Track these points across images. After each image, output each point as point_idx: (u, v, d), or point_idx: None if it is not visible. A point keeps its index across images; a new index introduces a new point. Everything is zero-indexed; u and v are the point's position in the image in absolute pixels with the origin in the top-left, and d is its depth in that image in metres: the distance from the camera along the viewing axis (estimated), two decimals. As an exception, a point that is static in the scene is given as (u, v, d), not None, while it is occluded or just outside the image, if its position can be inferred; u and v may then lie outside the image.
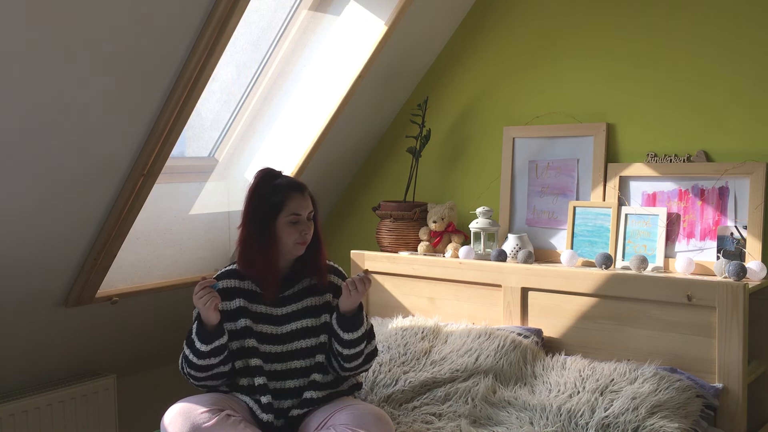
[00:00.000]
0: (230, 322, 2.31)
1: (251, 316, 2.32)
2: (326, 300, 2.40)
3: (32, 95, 2.27)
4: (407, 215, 3.46)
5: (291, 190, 2.31)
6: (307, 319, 2.35)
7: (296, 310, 2.36)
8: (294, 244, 2.31)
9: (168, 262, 3.30)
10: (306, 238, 2.32)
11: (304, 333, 2.34)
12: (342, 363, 2.33)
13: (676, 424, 2.30)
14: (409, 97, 3.72)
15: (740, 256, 2.78)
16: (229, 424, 2.14)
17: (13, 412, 2.87)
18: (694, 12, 2.95)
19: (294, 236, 2.30)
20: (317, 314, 2.37)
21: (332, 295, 2.41)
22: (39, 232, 2.63)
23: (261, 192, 2.32)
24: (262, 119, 3.46)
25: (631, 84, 3.10)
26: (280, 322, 2.34)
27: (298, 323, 2.35)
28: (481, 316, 3.08)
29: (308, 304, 2.37)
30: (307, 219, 2.33)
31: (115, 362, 3.37)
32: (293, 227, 2.30)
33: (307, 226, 2.32)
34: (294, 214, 2.30)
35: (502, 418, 2.46)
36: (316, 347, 2.34)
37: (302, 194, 2.32)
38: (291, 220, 2.29)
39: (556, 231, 3.26)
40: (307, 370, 2.33)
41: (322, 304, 2.39)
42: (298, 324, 2.34)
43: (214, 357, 2.22)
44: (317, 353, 2.34)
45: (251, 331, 2.31)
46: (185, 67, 2.51)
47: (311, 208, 2.35)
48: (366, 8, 3.21)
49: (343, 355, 2.32)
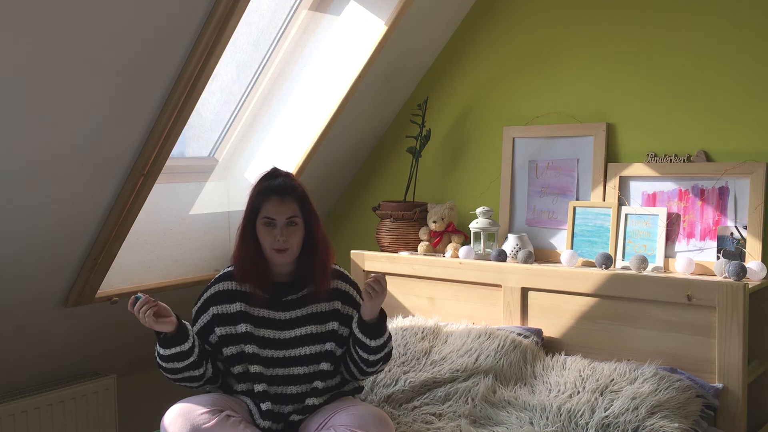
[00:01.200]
0: (229, 326, 2.29)
1: (252, 321, 2.30)
2: (334, 308, 2.35)
3: (32, 96, 2.27)
4: (407, 215, 3.46)
5: (269, 192, 2.27)
6: (311, 325, 2.32)
7: (300, 315, 2.33)
8: (270, 249, 2.27)
9: (168, 262, 3.30)
10: (281, 245, 2.25)
11: (308, 339, 2.31)
12: (365, 368, 2.33)
13: (676, 424, 2.30)
14: (409, 97, 3.72)
15: (740, 256, 2.78)
16: (229, 424, 2.14)
17: (13, 412, 2.87)
18: (694, 12, 2.95)
19: (268, 240, 2.26)
20: (323, 321, 2.33)
21: (341, 302, 2.37)
22: (39, 232, 2.63)
23: (254, 191, 2.32)
24: (262, 119, 3.46)
25: (631, 84, 3.10)
26: (282, 327, 2.31)
27: (302, 329, 2.31)
28: (481, 316, 3.08)
29: (313, 310, 2.34)
30: (286, 224, 2.26)
31: (115, 362, 3.37)
32: (267, 230, 2.26)
33: (284, 232, 2.25)
34: (266, 218, 2.26)
35: (502, 418, 2.46)
36: (321, 354, 2.31)
37: (280, 198, 2.26)
38: (264, 223, 2.26)
39: (556, 231, 3.26)
40: (310, 377, 2.31)
41: (330, 311, 2.35)
42: (302, 330, 2.31)
43: (177, 362, 2.21)
44: (322, 360, 2.31)
45: (252, 337, 2.28)
46: (185, 67, 2.51)
47: (291, 214, 2.27)
48: (366, 8, 3.21)
49: (368, 361, 2.30)
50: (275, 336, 2.30)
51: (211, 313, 2.32)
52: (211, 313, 2.32)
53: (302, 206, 2.30)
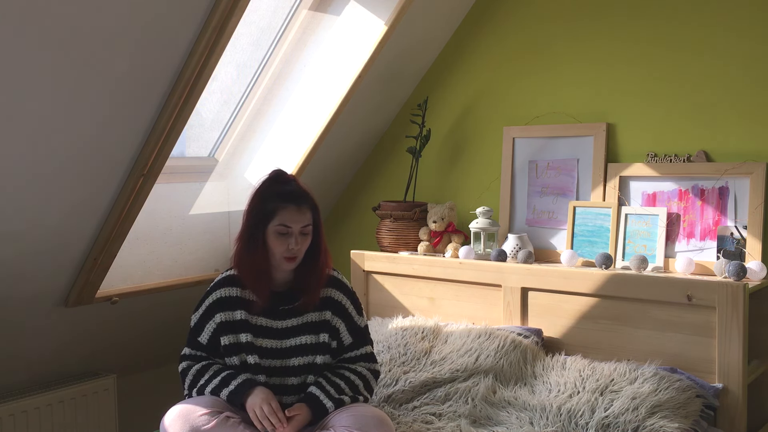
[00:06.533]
0: (232, 334, 2.28)
1: (252, 330, 2.28)
2: (325, 318, 2.33)
3: (32, 96, 2.27)
4: (407, 215, 3.46)
5: (286, 200, 2.23)
6: (306, 335, 2.30)
7: (297, 324, 2.31)
8: (281, 257, 2.24)
9: (168, 262, 3.30)
10: (294, 253, 2.23)
11: (301, 350, 2.30)
12: None
13: (676, 424, 2.30)
14: (409, 97, 3.72)
15: (740, 256, 2.78)
16: (229, 425, 2.14)
17: (13, 412, 2.87)
18: (694, 12, 2.95)
19: (281, 248, 2.22)
20: (316, 331, 2.32)
21: (331, 313, 2.34)
22: (39, 232, 2.63)
23: (262, 195, 2.28)
24: (262, 119, 3.46)
25: (631, 84, 3.10)
26: (280, 336, 2.30)
27: (297, 339, 2.30)
28: (481, 316, 3.08)
29: (309, 319, 2.32)
30: (300, 233, 2.23)
31: (115, 362, 3.37)
32: (281, 239, 2.22)
33: (298, 241, 2.23)
34: (282, 225, 2.22)
35: (502, 418, 2.46)
36: (310, 366, 2.30)
37: (297, 206, 2.23)
38: (279, 231, 2.22)
39: (556, 231, 3.26)
40: (303, 387, 2.30)
41: (320, 321, 2.33)
42: (297, 340, 2.30)
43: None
44: (310, 372, 2.30)
45: (253, 347, 2.27)
46: (185, 67, 2.51)
47: (306, 222, 2.24)
48: (366, 8, 3.21)
49: None
50: (274, 345, 2.29)
51: (217, 321, 2.29)
52: (218, 321, 2.29)
53: (314, 214, 2.28)
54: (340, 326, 2.35)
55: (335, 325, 2.34)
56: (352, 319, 2.38)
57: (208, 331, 2.30)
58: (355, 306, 2.41)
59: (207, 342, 2.30)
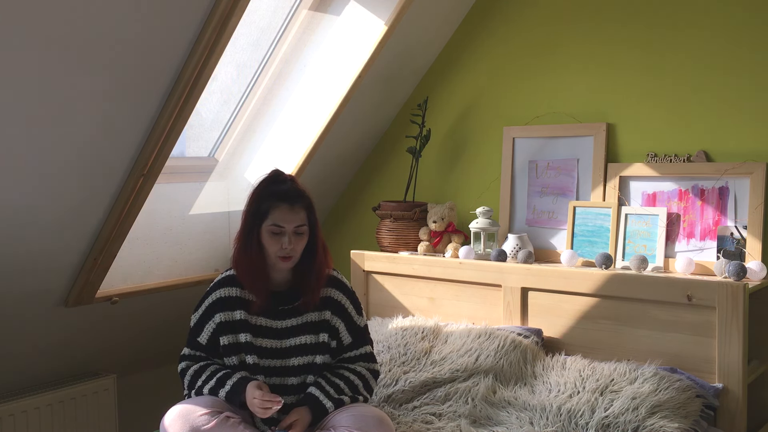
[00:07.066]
0: (232, 334, 2.28)
1: (252, 330, 2.28)
2: (325, 318, 2.33)
3: (32, 96, 2.27)
4: (407, 215, 3.46)
5: (279, 199, 2.23)
6: (306, 335, 2.31)
7: (296, 324, 2.31)
8: (275, 256, 2.24)
9: (168, 262, 3.30)
10: (288, 253, 2.23)
11: (301, 350, 2.30)
12: None
13: (676, 424, 2.30)
14: (409, 97, 3.72)
15: (740, 256, 2.78)
16: (229, 425, 2.14)
17: (13, 412, 2.87)
18: (694, 13, 2.95)
19: (275, 248, 2.23)
20: (316, 331, 2.32)
21: (331, 312, 2.34)
22: (39, 231, 2.63)
23: (258, 195, 2.28)
24: (262, 119, 3.46)
25: (631, 84, 3.09)
26: (280, 336, 2.30)
27: (297, 339, 2.30)
28: (481, 316, 3.08)
29: (309, 319, 2.32)
30: (294, 233, 2.23)
31: (115, 362, 3.37)
32: (275, 238, 2.22)
33: (292, 240, 2.22)
34: (275, 225, 2.22)
35: (502, 418, 2.46)
36: (310, 366, 2.30)
37: (290, 206, 2.23)
38: (272, 231, 2.22)
39: (556, 231, 3.26)
40: (302, 387, 2.30)
41: (320, 321, 2.33)
42: (297, 340, 2.30)
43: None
44: (310, 372, 2.30)
45: (252, 347, 2.27)
46: (185, 67, 2.51)
47: (300, 222, 2.24)
48: (366, 8, 3.21)
49: None
50: (273, 345, 2.29)
51: (216, 321, 2.29)
52: (217, 321, 2.29)
53: (309, 214, 2.28)
54: (339, 326, 2.35)
55: (335, 325, 2.34)
56: (352, 318, 2.38)
57: (207, 332, 2.30)
58: (355, 306, 2.41)
59: (206, 342, 2.31)
